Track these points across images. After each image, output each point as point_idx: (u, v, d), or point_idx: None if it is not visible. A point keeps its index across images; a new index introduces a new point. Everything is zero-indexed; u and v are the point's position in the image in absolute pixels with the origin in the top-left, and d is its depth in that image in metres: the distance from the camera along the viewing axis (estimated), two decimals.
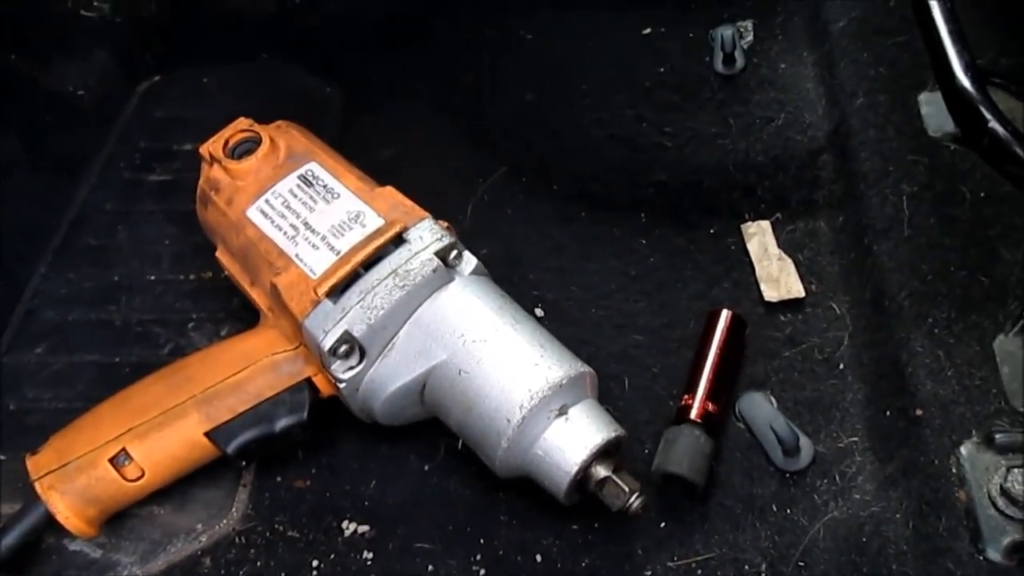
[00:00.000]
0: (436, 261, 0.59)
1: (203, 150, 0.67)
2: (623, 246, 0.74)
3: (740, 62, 0.83)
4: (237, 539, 0.62)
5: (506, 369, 0.56)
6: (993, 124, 0.45)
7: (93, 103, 0.94)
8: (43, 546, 0.62)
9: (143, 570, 0.61)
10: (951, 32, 0.46)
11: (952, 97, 0.47)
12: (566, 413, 0.56)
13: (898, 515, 0.56)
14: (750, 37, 0.84)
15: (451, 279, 0.60)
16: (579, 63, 0.88)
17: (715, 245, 0.73)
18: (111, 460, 0.58)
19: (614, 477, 0.55)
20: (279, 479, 0.65)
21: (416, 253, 0.59)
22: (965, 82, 0.45)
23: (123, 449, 0.58)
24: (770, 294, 0.69)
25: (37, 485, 0.58)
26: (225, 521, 0.63)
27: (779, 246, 0.71)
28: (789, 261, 0.70)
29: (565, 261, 0.74)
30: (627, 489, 0.55)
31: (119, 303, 0.76)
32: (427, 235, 0.60)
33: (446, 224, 0.62)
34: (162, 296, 0.77)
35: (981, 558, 0.52)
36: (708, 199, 0.76)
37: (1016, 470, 0.52)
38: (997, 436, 0.54)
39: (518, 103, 0.86)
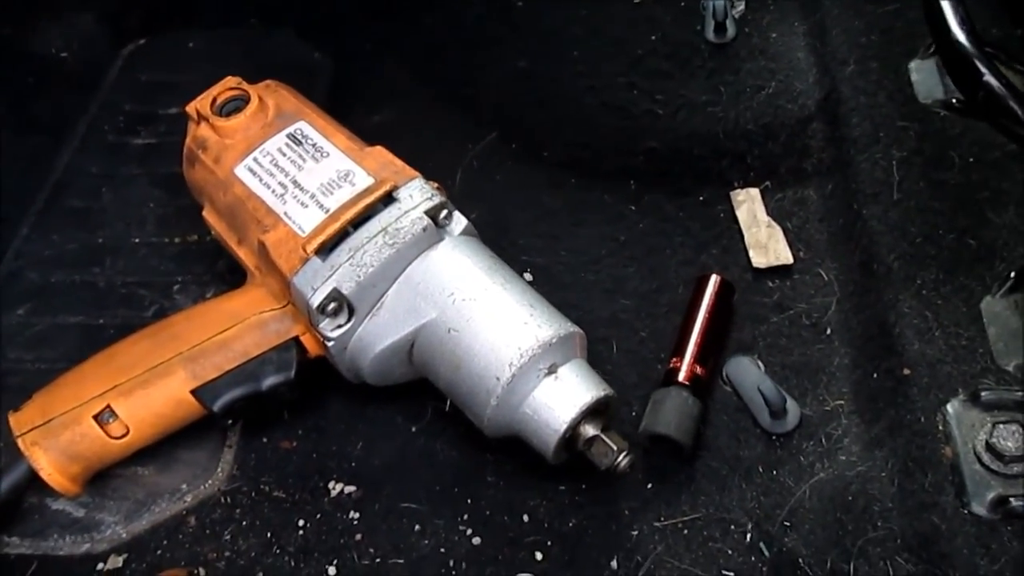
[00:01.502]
0: (426, 220, 0.58)
1: (190, 108, 0.67)
2: (613, 212, 0.74)
3: (731, 31, 0.83)
4: (222, 499, 0.62)
5: (496, 327, 0.56)
6: (988, 78, 0.45)
7: (77, 66, 0.93)
8: (25, 505, 0.62)
9: (127, 529, 0.61)
10: None
11: (948, 53, 0.47)
12: (555, 372, 0.56)
13: (883, 474, 0.56)
14: (741, 7, 0.84)
15: (441, 238, 0.60)
16: (571, 31, 0.87)
17: (704, 212, 0.73)
18: (95, 417, 0.58)
19: (602, 436, 0.55)
20: (265, 440, 0.64)
21: (406, 212, 0.59)
22: (961, 37, 0.46)
23: (108, 406, 0.58)
24: (758, 260, 0.69)
25: (20, 441, 0.58)
26: (210, 482, 0.63)
27: (768, 213, 0.71)
28: (778, 228, 0.70)
29: (555, 227, 0.74)
30: (615, 448, 0.55)
31: (103, 265, 0.76)
32: (417, 194, 0.59)
33: (436, 184, 0.61)
34: (146, 258, 0.76)
35: (966, 512, 0.52)
36: (698, 166, 0.76)
37: (1002, 426, 0.52)
38: (983, 394, 0.54)
39: (509, 70, 0.86)
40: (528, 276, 0.70)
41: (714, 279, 0.65)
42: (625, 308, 0.68)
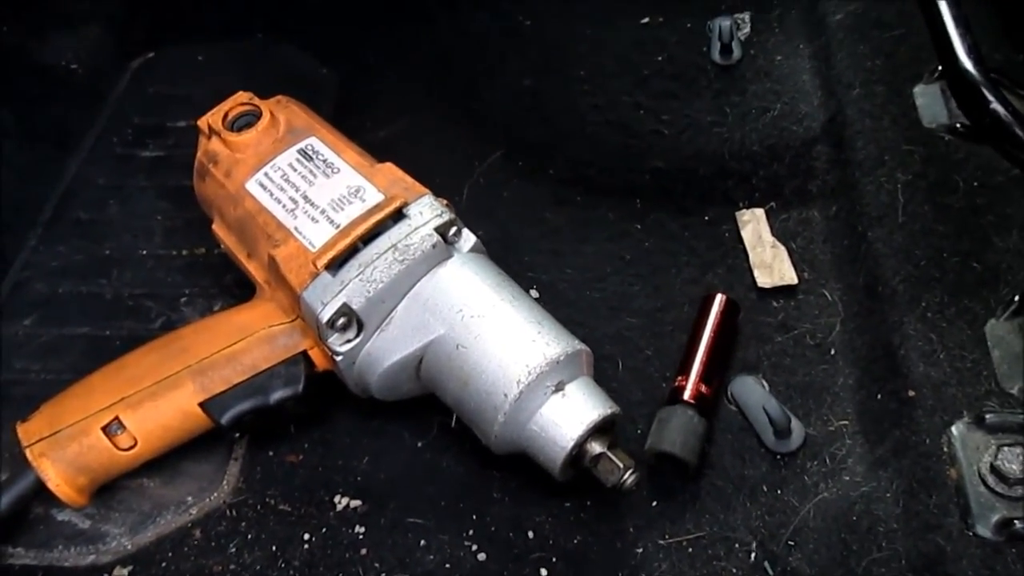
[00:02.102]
0: (436, 236, 0.59)
1: (202, 123, 0.67)
2: (618, 230, 0.75)
3: (737, 53, 0.84)
4: (228, 512, 0.62)
5: (504, 344, 0.56)
6: (995, 105, 0.46)
7: (86, 78, 0.94)
8: (31, 516, 0.62)
9: (132, 541, 0.61)
10: (954, 16, 0.47)
11: (955, 79, 0.48)
12: (563, 389, 0.56)
13: (888, 494, 0.57)
14: (747, 29, 0.85)
15: (450, 255, 0.60)
16: (577, 50, 0.88)
17: (709, 231, 0.74)
18: (104, 428, 0.58)
19: (609, 453, 0.55)
20: (271, 453, 0.65)
21: (416, 228, 0.59)
22: (968, 64, 0.46)
23: (116, 418, 0.58)
24: (763, 280, 0.69)
25: (28, 452, 0.58)
26: (216, 494, 0.63)
27: (773, 234, 0.72)
28: (782, 248, 0.71)
29: (560, 244, 0.75)
30: (622, 465, 0.55)
31: (110, 277, 0.76)
32: (427, 211, 0.60)
33: (445, 201, 0.62)
34: (154, 271, 0.76)
35: (971, 534, 0.52)
36: (703, 186, 0.76)
37: (1007, 449, 0.53)
38: (988, 416, 0.55)
39: (515, 88, 0.86)
40: (534, 293, 0.71)
41: (719, 298, 0.66)
42: (630, 326, 0.69)
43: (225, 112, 0.67)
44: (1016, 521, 0.51)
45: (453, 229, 0.60)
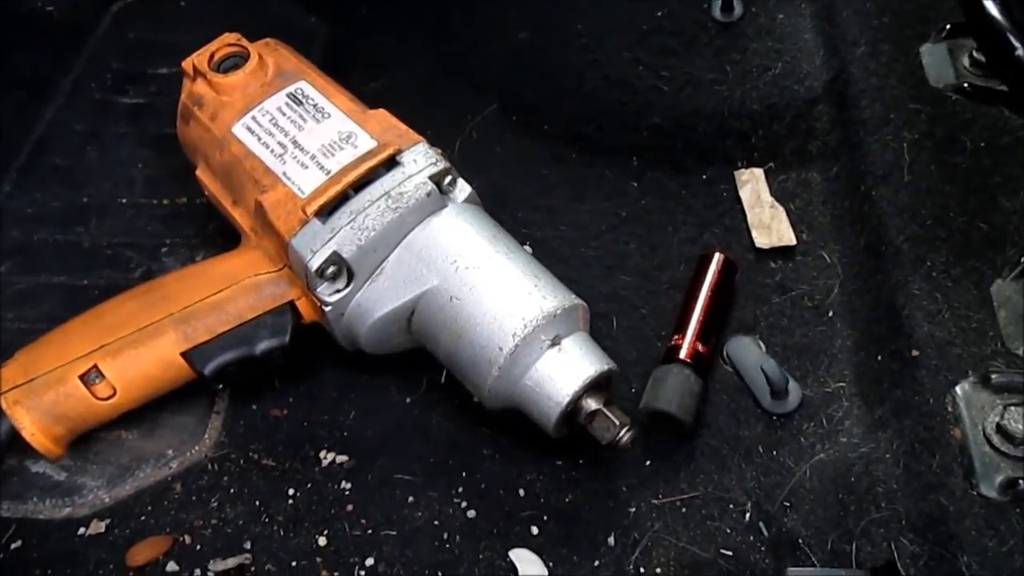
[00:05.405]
0: (430, 185, 0.57)
1: (186, 64, 0.65)
2: (614, 188, 0.73)
3: (738, 10, 0.82)
4: (209, 466, 0.60)
5: (499, 297, 0.55)
6: (1020, 52, 0.44)
7: (64, 22, 0.90)
8: (4, 467, 0.60)
9: (110, 494, 0.59)
10: None
11: (980, 25, 0.46)
12: (559, 344, 0.55)
13: (888, 455, 0.56)
14: None
15: (444, 205, 0.58)
16: (575, 5, 0.86)
17: (707, 190, 0.72)
18: (81, 377, 0.56)
19: (604, 410, 0.54)
20: (254, 407, 0.63)
21: (410, 176, 0.57)
22: (993, 10, 0.45)
23: (94, 366, 0.56)
24: (761, 241, 0.68)
25: (2, 400, 0.55)
26: (197, 448, 0.61)
27: (771, 194, 0.71)
28: (781, 209, 0.70)
29: (555, 201, 0.73)
30: (617, 422, 0.54)
31: (88, 225, 0.74)
32: (421, 159, 0.58)
33: (440, 150, 0.60)
34: (134, 219, 0.74)
35: (975, 493, 0.52)
36: (702, 144, 0.75)
37: (1013, 408, 0.52)
38: (993, 376, 0.54)
39: (511, 42, 0.84)
40: (528, 249, 0.69)
41: (718, 257, 0.65)
42: (625, 284, 0.67)
43: (211, 53, 0.64)
44: (1021, 481, 0.51)
45: (448, 178, 0.59)
